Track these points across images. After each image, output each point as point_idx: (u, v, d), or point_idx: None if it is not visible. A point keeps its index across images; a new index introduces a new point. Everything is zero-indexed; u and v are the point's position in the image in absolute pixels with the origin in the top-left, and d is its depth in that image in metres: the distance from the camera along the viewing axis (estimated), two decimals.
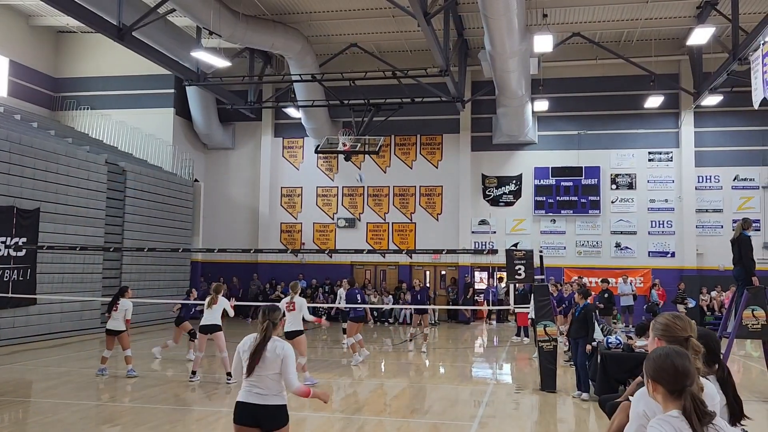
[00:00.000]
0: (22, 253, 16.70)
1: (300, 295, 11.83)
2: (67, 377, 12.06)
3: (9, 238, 16.27)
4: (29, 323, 16.94)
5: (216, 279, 26.01)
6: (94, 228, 19.35)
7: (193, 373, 11.83)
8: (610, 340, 10.63)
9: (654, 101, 22.83)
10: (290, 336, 11.16)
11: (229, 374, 11.62)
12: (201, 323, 11.87)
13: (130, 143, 25.17)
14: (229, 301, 12.69)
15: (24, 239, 16.68)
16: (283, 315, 5.42)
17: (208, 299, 12.01)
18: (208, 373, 12.82)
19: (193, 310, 15.00)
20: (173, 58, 21.01)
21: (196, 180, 25.93)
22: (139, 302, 19.99)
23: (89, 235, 18.99)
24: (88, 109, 25.83)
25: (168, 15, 19.35)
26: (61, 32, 26.16)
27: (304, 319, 11.70)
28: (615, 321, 20.32)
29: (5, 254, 16.09)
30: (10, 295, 15.52)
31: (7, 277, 16.22)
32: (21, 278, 16.73)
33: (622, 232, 24.52)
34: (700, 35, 18.08)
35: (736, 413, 3.74)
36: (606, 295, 18.36)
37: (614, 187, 24.72)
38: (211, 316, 11.80)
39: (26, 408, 9.86)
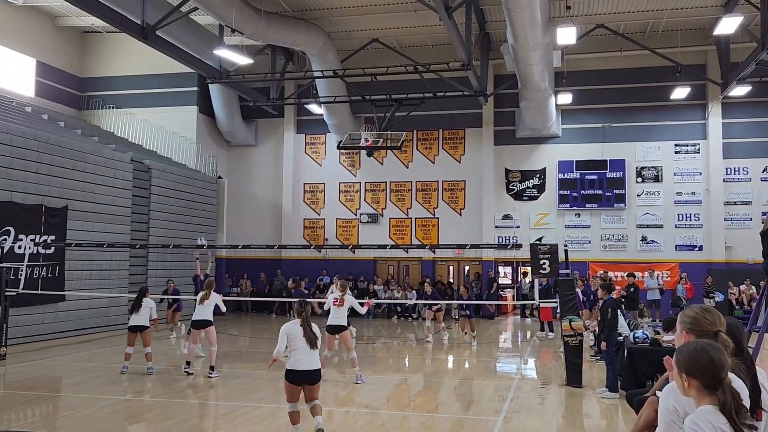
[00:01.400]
0: (50, 251, 16.97)
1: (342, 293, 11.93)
2: (95, 373, 12.22)
3: (38, 236, 16.53)
4: (58, 319, 17.20)
5: (240, 275, 26.28)
6: (120, 225, 19.59)
7: (188, 363, 12.07)
8: (636, 335, 10.51)
9: (680, 92, 22.49)
10: (337, 330, 11.51)
11: (212, 368, 11.82)
12: (193, 318, 12.13)
13: (154, 141, 25.43)
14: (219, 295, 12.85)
15: (52, 237, 16.94)
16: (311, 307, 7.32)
17: (200, 295, 12.26)
18: (232, 368, 12.90)
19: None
20: (196, 56, 21.16)
21: (219, 177, 26.11)
22: (164, 298, 20.24)
23: (116, 232, 19.22)
24: (113, 108, 26.13)
25: (191, 13, 19.47)
26: (86, 32, 26.46)
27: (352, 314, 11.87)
28: (642, 316, 20.10)
29: (34, 252, 16.35)
30: (39, 291, 15.76)
31: (36, 274, 16.49)
32: (50, 275, 17.00)
33: (648, 226, 24.23)
34: (728, 24, 17.73)
35: (752, 405, 3.67)
36: (632, 290, 18.16)
37: (640, 180, 24.43)
38: (203, 312, 12.02)
39: (56, 403, 10.01)
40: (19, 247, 16.02)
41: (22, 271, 15.31)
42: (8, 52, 22.86)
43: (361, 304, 12.41)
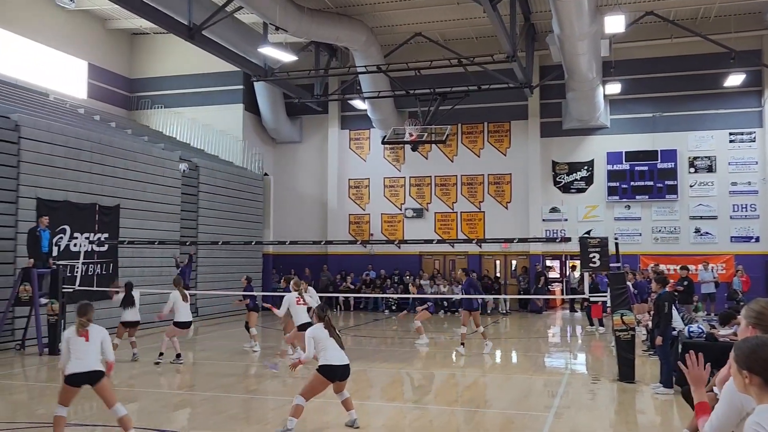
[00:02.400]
0: (104, 248, 17.42)
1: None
2: (147, 367, 12.49)
3: (92, 234, 16.98)
4: (111, 315, 17.58)
5: (287, 271, 26.51)
6: (170, 223, 19.98)
7: (178, 356, 12.65)
8: (691, 329, 10.22)
9: (734, 79, 21.78)
10: (303, 328, 11.16)
11: (179, 355, 12.63)
12: (179, 319, 12.71)
13: (201, 140, 25.86)
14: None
15: (106, 235, 17.38)
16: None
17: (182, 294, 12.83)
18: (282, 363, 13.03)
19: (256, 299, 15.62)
20: (241, 55, 21.40)
21: (265, 174, 26.41)
22: (213, 294, 20.60)
23: (166, 229, 19.61)
24: (161, 107, 26.66)
25: (235, 12, 19.69)
26: (135, 34, 27.03)
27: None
28: (696, 310, 19.59)
29: (89, 249, 16.78)
30: (94, 288, 16.18)
31: (91, 271, 16.95)
32: (104, 272, 17.46)
33: (701, 217, 23.59)
34: None
35: None
36: (685, 283, 17.68)
37: (692, 170, 23.79)
38: (187, 312, 12.81)
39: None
40: (75, 245, 16.48)
41: (77, 268, 15.74)
42: (61, 56, 23.50)
43: (321, 299, 13.02)
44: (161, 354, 12.65)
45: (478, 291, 15.43)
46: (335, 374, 7.57)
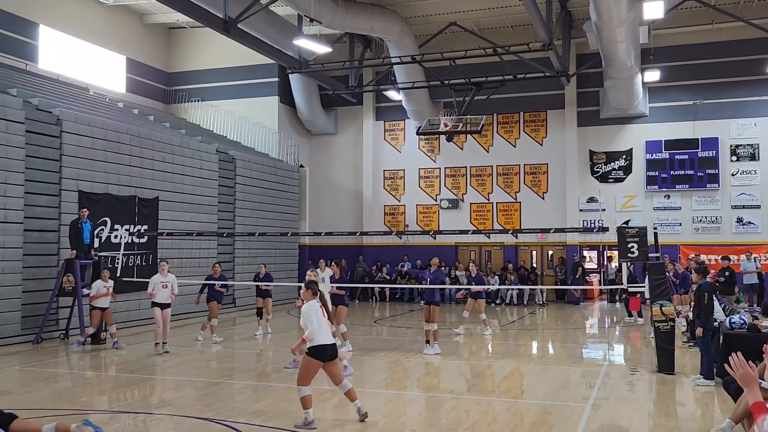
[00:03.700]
0: (144, 240, 17.75)
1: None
2: (188, 356, 12.71)
3: (132, 226, 17.32)
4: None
5: (326, 263, 26.62)
6: (208, 215, 20.27)
7: (163, 344, 12.89)
8: (733, 320, 10.02)
9: None
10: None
11: (163, 344, 12.86)
12: (157, 301, 13.05)
13: (238, 132, 26.15)
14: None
15: (146, 226, 17.71)
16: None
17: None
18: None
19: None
20: (276, 48, 21.53)
21: (301, 165, 26.59)
22: (249, 285, 20.83)
23: (204, 221, 19.90)
24: (198, 101, 27.00)
25: (270, 5, 19.80)
26: (172, 28, 27.39)
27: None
28: (737, 301, 19.17)
29: (129, 241, 17.14)
30: (135, 279, 16.50)
31: (131, 262, 17.30)
32: (144, 263, 17.79)
33: (744, 207, 23.05)
34: None
35: None
36: (727, 273, 17.33)
37: (734, 158, 23.25)
38: (167, 296, 13.14)
39: (152, 385, 10.48)
40: (115, 237, 16.82)
41: (118, 259, 16.08)
42: (101, 51, 23.93)
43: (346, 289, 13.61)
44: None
45: (481, 283, 16.78)
46: (326, 354, 7.55)
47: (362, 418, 7.68)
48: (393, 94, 25.14)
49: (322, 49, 20.12)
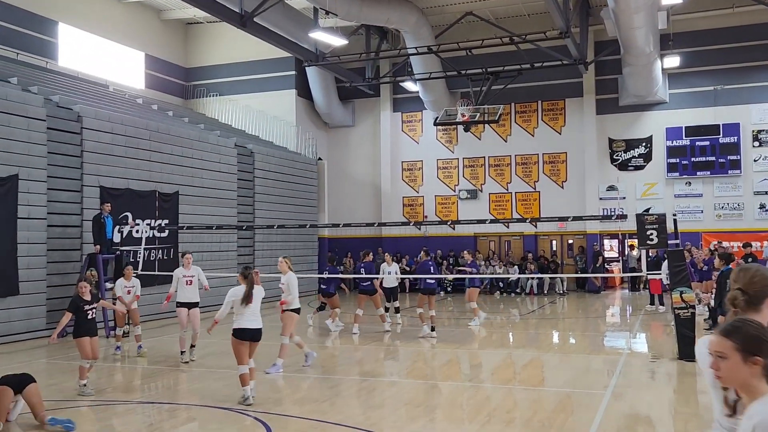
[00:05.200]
0: (164, 234, 17.94)
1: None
2: (210, 348, 12.84)
3: (153, 220, 17.51)
4: (173, 299, 18.12)
5: (344, 254, 26.78)
6: (227, 208, 20.42)
7: (191, 348, 11.58)
8: None
9: None
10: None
11: (191, 347, 11.54)
12: (182, 300, 11.78)
13: (256, 126, 26.28)
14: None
15: (166, 221, 17.90)
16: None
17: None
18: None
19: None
20: (293, 41, 21.59)
21: (319, 158, 26.67)
22: (272, 278, 20.94)
23: (223, 215, 20.06)
24: (216, 95, 27.16)
25: None
26: (189, 24, 27.55)
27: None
28: None
29: (150, 235, 17.32)
30: (156, 273, 16.69)
31: (153, 256, 17.49)
32: (165, 257, 17.98)
33: (766, 192, 22.76)
34: None
35: None
36: (749, 260, 17.14)
37: (757, 144, 22.94)
38: (193, 293, 11.86)
39: (176, 376, 10.61)
40: (137, 231, 17.02)
41: (140, 254, 16.26)
42: (119, 47, 24.15)
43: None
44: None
45: (475, 269, 16.87)
46: (245, 335, 8.24)
47: (242, 401, 8.10)
48: (410, 85, 25.09)
49: (338, 41, 20.14)
